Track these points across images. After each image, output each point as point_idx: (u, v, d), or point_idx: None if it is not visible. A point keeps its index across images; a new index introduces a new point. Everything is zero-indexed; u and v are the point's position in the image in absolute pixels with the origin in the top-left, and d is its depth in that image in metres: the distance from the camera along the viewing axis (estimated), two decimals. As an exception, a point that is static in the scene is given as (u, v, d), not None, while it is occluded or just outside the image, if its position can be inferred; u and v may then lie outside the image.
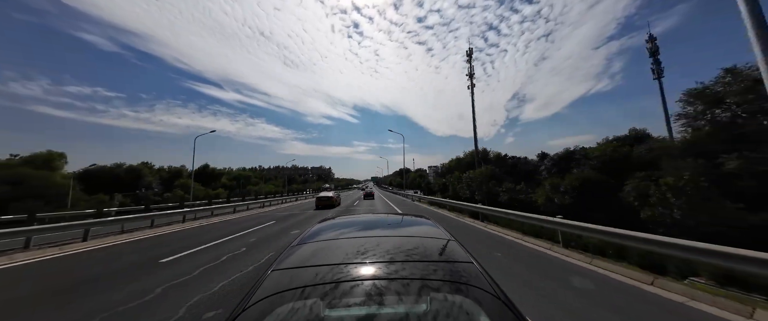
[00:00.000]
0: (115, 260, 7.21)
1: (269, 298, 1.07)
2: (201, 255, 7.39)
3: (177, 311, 3.94)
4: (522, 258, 6.81)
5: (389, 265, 1.33)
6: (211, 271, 5.84)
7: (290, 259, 1.46)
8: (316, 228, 2.14)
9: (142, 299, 4.43)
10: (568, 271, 5.70)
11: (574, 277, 5.28)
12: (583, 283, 5.02)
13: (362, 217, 2.63)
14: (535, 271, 5.72)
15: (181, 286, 5.02)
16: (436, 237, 1.77)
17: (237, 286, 4.95)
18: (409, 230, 2.10)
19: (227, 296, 4.48)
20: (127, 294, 4.67)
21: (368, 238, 1.80)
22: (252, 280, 5.19)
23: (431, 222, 2.23)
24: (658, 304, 4.16)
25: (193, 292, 4.68)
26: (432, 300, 1.05)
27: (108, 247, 9.01)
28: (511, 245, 8.21)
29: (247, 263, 6.43)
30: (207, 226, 13.85)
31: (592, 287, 4.81)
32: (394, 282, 1.16)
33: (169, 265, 6.45)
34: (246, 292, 1.17)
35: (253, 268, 6.02)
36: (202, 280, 5.26)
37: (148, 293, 4.66)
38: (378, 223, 2.37)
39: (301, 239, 1.82)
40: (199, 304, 4.17)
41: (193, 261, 6.76)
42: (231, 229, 12.34)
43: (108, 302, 4.35)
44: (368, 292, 1.09)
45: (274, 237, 10.04)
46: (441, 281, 1.18)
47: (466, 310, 1.03)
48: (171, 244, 8.99)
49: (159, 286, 4.97)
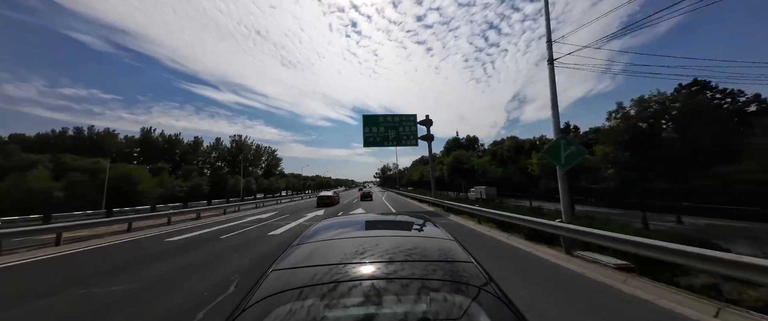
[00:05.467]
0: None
1: (269, 297, 1.08)
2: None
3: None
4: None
5: (389, 265, 1.33)
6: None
7: (290, 258, 1.47)
8: (317, 228, 2.14)
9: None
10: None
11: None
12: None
13: (362, 217, 2.62)
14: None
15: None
16: (435, 237, 1.76)
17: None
18: (409, 230, 2.08)
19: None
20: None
21: (368, 238, 1.80)
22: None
23: (431, 222, 2.22)
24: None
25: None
26: (432, 300, 1.05)
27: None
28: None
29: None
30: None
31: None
32: (394, 282, 1.16)
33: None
34: (246, 291, 1.17)
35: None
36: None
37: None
38: (378, 223, 2.39)
39: (301, 239, 1.83)
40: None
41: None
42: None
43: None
44: (368, 292, 1.09)
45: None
46: (441, 281, 1.19)
47: (466, 310, 1.03)
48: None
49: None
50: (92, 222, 11.26)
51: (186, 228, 13.32)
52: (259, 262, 6.57)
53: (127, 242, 9.87)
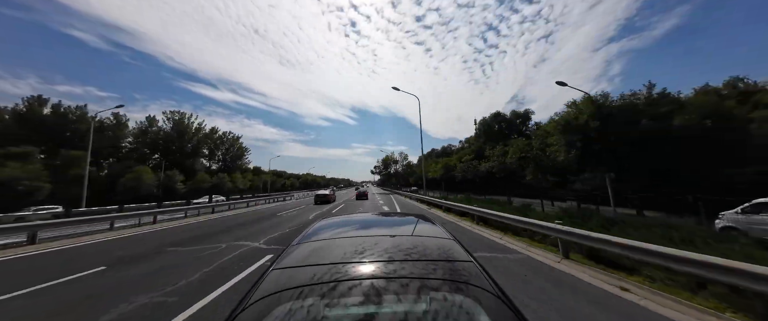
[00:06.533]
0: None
1: (269, 297, 1.07)
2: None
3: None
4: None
5: (389, 264, 1.32)
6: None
7: (290, 258, 1.46)
8: (317, 227, 2.13)
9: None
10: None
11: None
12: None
13: (362, 216, 2.70)
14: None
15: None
16: (435, 236, 1.76)
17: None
18: (408, 229, 2.04)
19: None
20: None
21: (368, 238, 1.79)
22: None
23: (431, 221, 2.23)
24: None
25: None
26: (432, 299, 1.04)
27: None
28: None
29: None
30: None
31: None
32: (394, 281, 1.15)
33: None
34: (246, 291, 1.17)
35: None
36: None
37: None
38: (378, 223, 2.40)
39: (301, 238, 1.82)
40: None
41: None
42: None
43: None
44: (368, 291, 1.09)
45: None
46: (441, 280, 1.18)
47: (466, 309, 1.03)
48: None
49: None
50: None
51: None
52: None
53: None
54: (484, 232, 10.16)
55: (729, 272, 3.66)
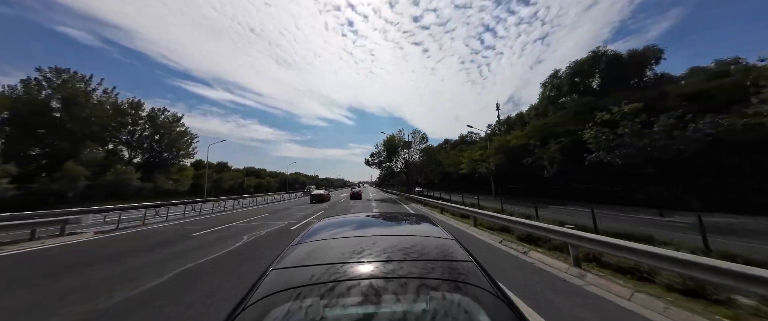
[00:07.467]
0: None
1: (269, 297, 1.07)
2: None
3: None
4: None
5: (389, 264, 1.31)
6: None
7: (290, 258, 1.45)
8: (316, 227, 2.11)
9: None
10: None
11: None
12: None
13: (361, 216, 2.62)
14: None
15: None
16: (435, 236, 1.74)
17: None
18: (408, 229, 2.06)
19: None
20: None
21: (367, 237, 1.78)
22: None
23: (430, 221, 2.22)
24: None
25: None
26: (431, 299, 1.04)
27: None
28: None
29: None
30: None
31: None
32: (393, 281, 1.14)
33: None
34: (246, 291, 1.15)
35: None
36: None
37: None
38: (377, 222, 2.35)
39: (301, 238, 1.80)
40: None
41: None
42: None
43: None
44: (368, 291, 1.08)
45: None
46: (440, 280, 1.17)
47: (466, 308, 1.02)
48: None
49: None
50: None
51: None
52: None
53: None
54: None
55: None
